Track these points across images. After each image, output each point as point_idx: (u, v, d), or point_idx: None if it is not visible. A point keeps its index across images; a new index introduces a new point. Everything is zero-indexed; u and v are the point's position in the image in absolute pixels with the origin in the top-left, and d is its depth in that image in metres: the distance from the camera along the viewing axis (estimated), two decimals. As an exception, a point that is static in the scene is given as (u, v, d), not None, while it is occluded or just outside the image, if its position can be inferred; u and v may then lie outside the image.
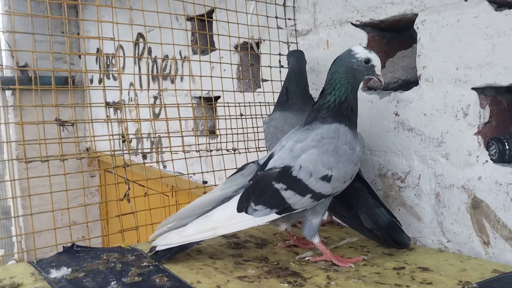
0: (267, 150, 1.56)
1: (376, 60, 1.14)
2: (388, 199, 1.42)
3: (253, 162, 1.23)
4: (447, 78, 1.23)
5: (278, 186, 1.08)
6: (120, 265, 1.05)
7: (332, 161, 1.09)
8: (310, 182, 1.08)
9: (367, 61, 1.13)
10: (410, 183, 1.36)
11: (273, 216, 1.09)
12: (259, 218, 1.07)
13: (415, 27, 1.31)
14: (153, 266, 1.06)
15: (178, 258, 1.13)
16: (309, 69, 1.66)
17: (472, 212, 1.20)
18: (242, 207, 1.08)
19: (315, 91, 1.63)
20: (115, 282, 0.95)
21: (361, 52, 1.13)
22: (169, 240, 1.10)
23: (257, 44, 1.89)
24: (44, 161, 1.15)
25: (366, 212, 1.24)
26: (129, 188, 1.27)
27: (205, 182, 1.62)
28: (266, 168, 1.13)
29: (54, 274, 0.99)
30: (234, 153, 1.64)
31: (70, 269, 1.01)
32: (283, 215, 1.10)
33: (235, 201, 1.10)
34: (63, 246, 1.16)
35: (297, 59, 1.50)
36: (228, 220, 1.08)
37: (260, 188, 1.09)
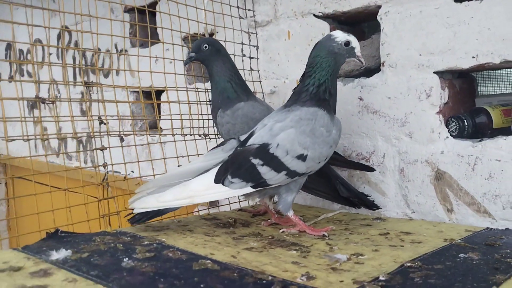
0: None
1: (355, 42, 1.22)
2: (353, 178, 1.52)
3: (233, 138, 1.26)
4: (410, 63, 1.36)
5: (255, 161, 1.13)
6: (121, 245, 1.00)
7: (309, 141, 1.15)
8: (286, 160, 1.14)
9: (347, 43, 1.20)
10: (374, 162, 1.47)
11: (248, 189, 1.14)
12: (234, 190, 1.14)
13: (378, 18, 1.43)
14: (157, 244, 1.02)
15: (175, 238, 1.10)
16: (269, 59, 1.72)
17: (436, 183, 1.34)
18: (219, 179, 1.13)
19: (275, 80, 1.69)
20: (127, 258, 0.91)
21: (341, 36, 1.21)
22: (146, 204, 1.14)
23: (211, 35, 1.90)
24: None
25: (340, 183, 1.37)
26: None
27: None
28: (246, 145, 1.17)
29: (55, 256, 0.91)
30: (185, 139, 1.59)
31: (69, 251, 0.94)
32: (258, 189, 1.16)
33: (213, 172, 1.15)
34: (47, 232, 1.07)
35: (222, 49, 1.40)
36: (205, 190, 1.14)
37: (238, 162, 1.14)
